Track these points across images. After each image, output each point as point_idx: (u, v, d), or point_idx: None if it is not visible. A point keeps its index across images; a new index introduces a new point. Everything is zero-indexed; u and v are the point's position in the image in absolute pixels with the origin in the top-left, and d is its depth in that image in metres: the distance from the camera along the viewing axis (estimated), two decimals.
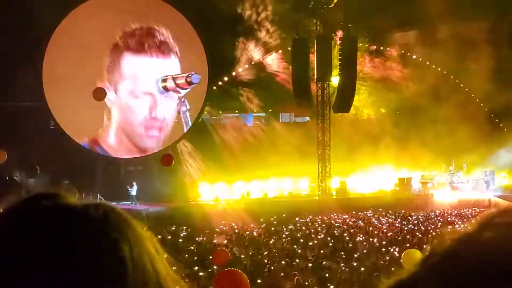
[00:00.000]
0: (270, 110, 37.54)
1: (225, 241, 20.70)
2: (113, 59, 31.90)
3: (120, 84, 31.98)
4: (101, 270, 1.02)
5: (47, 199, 1.10)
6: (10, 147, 26.56)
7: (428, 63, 37.06)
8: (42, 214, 1.06)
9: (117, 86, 31.95)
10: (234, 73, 36.12)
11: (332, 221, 26.36)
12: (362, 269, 15.75)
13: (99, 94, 25.57)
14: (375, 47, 37.07)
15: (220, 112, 36.92)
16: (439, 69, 37.06)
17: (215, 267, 14.83)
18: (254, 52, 35.76)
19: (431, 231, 22.86)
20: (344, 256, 17.85)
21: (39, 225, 1.04)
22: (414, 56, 37.28)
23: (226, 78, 35.93)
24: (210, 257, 15.41)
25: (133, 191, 30.97)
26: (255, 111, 37.08)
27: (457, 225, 24.18)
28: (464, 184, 34.36)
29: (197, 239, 21.90)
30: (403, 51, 37.10)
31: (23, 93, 30.96)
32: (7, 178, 30.82)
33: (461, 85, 36.94)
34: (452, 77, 37.01)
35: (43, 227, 1.04)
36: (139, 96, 32.06)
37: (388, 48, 37.09)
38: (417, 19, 33.99)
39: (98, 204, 1.11)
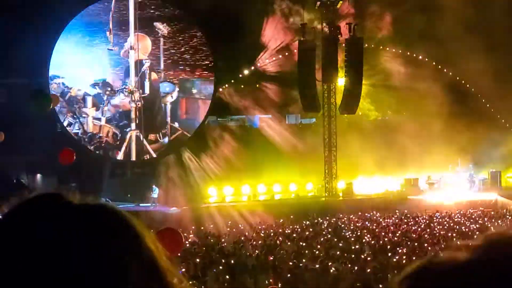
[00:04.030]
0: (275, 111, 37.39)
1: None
2: None
3: None
4: (103, 265, 1.05)
5: (48, 198, 1.13)
6: (16, 149, 26.67)
7: (434, 63, 36.96)
8: (44, 213, 1.09)
9: None
10: (240, 75, 36.12)
11: (339, 222, 26.33)
12: (369, 270, 15.72)
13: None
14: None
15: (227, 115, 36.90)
16: (445, 70, 36.98)
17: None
18: (260, 53, 35.73)
19: (438, 231, 22.83)
20: (351, 257, 17.83)
21: (41, 224, 1.08)
22: (421, 57, 37.16)
23: (232, 80, 35.95)
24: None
25: (155, 193, 31.06)
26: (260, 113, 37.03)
27: (463, 226, 24.17)
28: (469, 184, 34.27)
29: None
30: (407, 52, 36.97)
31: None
32: (15, 180, 30.94)
33: (467, 85, 36.83)
34: (458, 78, 36.87)
35: (45, 225, 1.07)
36: None
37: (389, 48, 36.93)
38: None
39: (98, 202, 1.14)
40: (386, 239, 21.03)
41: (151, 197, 30.86)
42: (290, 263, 16.91)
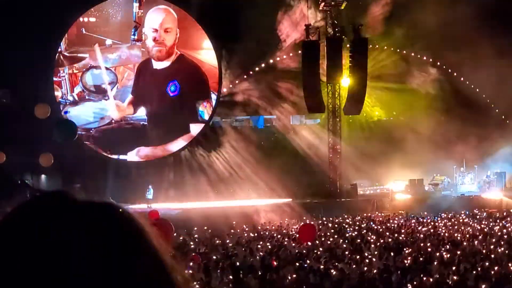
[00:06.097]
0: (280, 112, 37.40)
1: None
2: None
3: None
4: (105, 264, 1.04)
5: (55, 197, 1.12)
6: (20, 150, 26.72)
7: (439, 63, 36.90)
8: (44, 212, 1.09)
9: None
10: (245, 76, 36.12)
11: (343, 223, 26.32)
12: (374, 270, 15.69)
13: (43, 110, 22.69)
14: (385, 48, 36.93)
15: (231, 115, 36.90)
16: (451, 70, 36.91)
17: None
18: (265, 53, 35.74)
19: (443, 232, 22.79)
20: (355, 258, 17.80)
21: (40, 224, 1.07)
22: (425, 57, 37.12)
23: (237, 81, 35.97)
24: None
25: (150, 194, 31.04)
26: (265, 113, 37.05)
27: (468, 227, 24.13)
28: (474, 185, 34.22)
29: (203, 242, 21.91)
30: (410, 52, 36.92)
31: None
32: (19, 181, 31.00)
33: (472, 86, 36.76)
34: (462, 78, 36.81)
35: (44, 225, 1.06)
36: None
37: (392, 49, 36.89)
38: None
39: (104, 202, 1.13)
40: (390, 239, 21.00)
41: (146, 198, 30.84)
42: (297, 264, 16.89)
